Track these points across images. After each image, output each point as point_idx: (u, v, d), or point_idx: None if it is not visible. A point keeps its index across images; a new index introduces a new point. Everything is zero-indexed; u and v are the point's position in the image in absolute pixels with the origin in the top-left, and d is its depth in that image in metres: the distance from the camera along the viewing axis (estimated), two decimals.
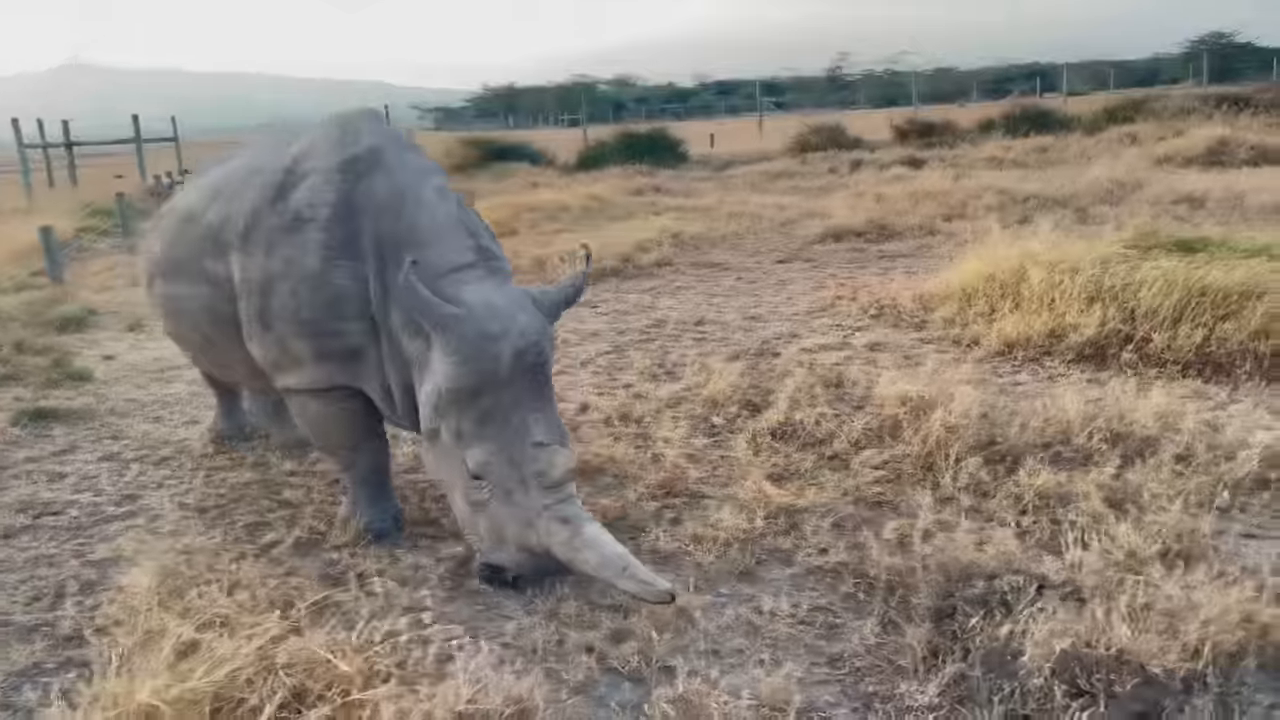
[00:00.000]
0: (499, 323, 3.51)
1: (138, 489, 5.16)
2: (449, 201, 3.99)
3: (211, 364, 4.83)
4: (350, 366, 3.99)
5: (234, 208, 4.22)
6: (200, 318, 4.42)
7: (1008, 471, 4.42)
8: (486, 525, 3.63)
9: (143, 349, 8.50)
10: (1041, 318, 6.61)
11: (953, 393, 5.12)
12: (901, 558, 3.65)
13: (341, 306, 3.87)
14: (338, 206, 3.91)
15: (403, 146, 4.14)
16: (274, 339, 4.03)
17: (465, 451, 3.55)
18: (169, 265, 4.55)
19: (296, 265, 3.92)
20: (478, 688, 2.82)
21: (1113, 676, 2.77)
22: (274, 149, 4.40)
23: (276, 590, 3.72)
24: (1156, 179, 14.26)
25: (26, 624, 3.76)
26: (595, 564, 3.33)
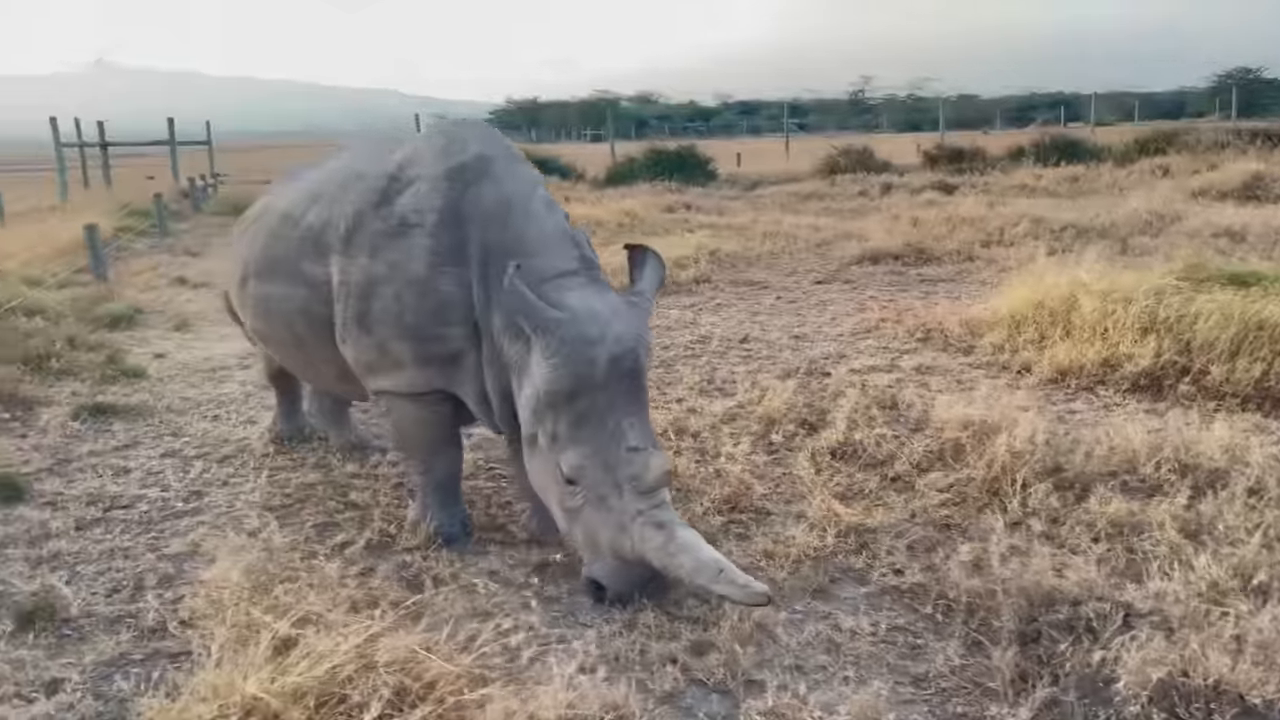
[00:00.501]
0: (598, 327, 3.56)
1: (203, 486, 5.21)
2: (555, 212, 4.05)
3: (298, 364, 4.86)
4: (449, 371, 4.04)
5: (335, 211, 4.28)
6: (294, 318, 4.47)
7: (1077, 499, 4.43)
8: (581, 531, 3.65)
9: (191, 348, 8.60)
10: (1094, 347, 6.61)
11: (1015, 418, 5.13)
12: (980, 580, 3.66)
13: (445, 312, 3.93)
14: (444, 213, 3.97)
15: (510, 156, 4.20)
16: (374, 342, 4.08)
17: (560, 455, 3.59)
18: (264, 266, 4.60)
19: (401, 270, 3.97)
20: (575, 693, 2.85)
21: (1211, 706, 2.78)
22: (374, 154, 4.46)
23: (357, 591, 3.76)
24: (1193, 212, 14.25)
25: (109, 615, 3.81)
26: (690, 568, 3.34)
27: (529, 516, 4.51)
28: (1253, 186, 16.70)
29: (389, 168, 4.23)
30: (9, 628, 3.68)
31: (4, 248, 11.91)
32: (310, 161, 5.26)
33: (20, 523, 4.71)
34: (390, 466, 5.41)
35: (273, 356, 5.21)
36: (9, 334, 8.21)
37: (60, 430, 6.14)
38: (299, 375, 5.15)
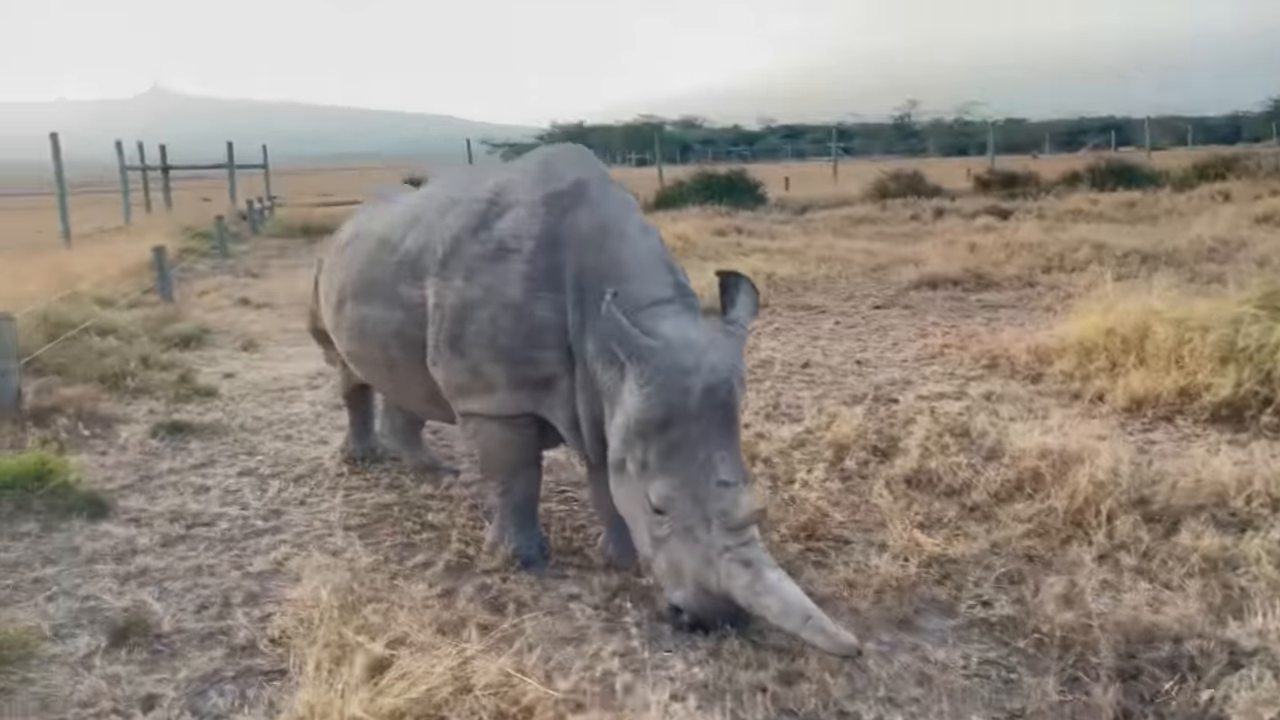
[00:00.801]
0: (693, 357, 3.53)
1: (280, 505, 5.29)
2: (651, 237, 4.06)
3: (389, 386, 4.90)
4: (540, 395, 4.05)
5: (433, 235, 4.33)
6: (389, 340, 4.51)
7: (1166, 532, 4.34)
8: (666, 561, 3.62)
9: (259, 368, 8.74)
10: (1171, 376, 6.49)
11: (1095, 448, 5.05)
12: (1073, 615, 3.59)
13: (540, 336, 3.95)
14: (541, 238, 4.00)
15: (606, 181, 4.22)
16: (467, 364, 4.10)
17: (649, 484, 3.56)
18: (362, 288, 4.65)
19: (497, 293, 4.00)
20: None
21: None
22: (471, 181, 4.52)
23: (443, 612, 3.78)
24: (1259, 239, 13.99)
25: (200, 631, 3.87)
26: (777, 611, 3.29)
27: (604, 541, 4.51)
28: None
29: (486, 193, 4.28)
30: (103, 643, 3.75)
31: (74, 269, 12.19)
32: (398, 185, 5.39)
33: (107, 539, 4.81)
34: (464, 488, 5.46)
35: (360, 378, 5.23)
36: (85, 353, 8.43)
37: (139, 447, 6.27)
38: (389, 397, 5.17)
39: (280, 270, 16.30)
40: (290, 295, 12.96)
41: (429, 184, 4.99)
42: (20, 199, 39.46)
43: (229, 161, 29.18)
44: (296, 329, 10.59)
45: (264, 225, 24.55)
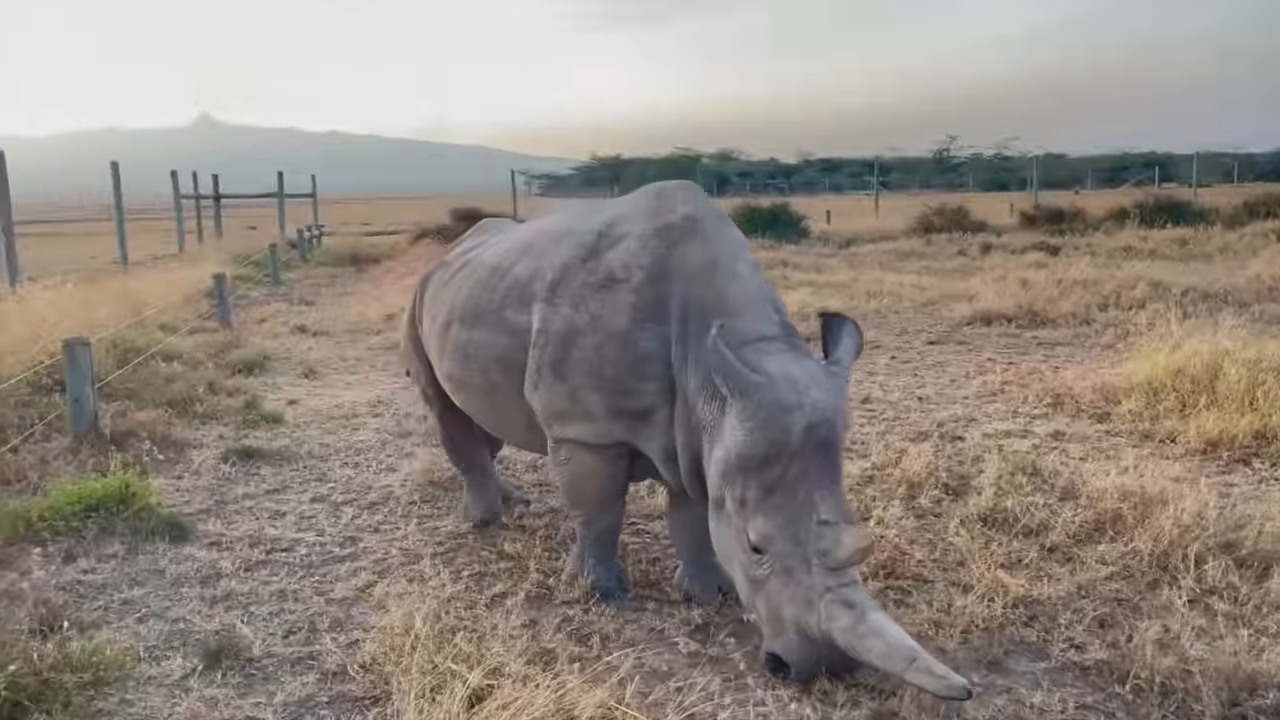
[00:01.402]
0: (796, 394, 3.51)
1: (356, 531, 5.35)
2: (758, 274, 4.08)
3: (486, 412, 4.85)
4: (637, 426, 4.07)
5: (544, 262, 4.38)
6: (491, 365, 4.53)
7: (1257, 578, 4.27)
8: (765, 604, 3.55)
9: (320, 395, 8.86)
10: (1246, 417, 6.41)
11: (1177, 490, 4.99)
12: (1172, 660, 3.54)
13: (643, 367, 3.97)
14: (650, 270, 4.04)
15: (718, 217, 4.25)
16: (567, 390, 4.12)
17: (748, 522, 3.53)
18: (469, 312, 4.67)
19: (604, 322, 4.04)
20: None
21: None
22: (584, 213, 4.60)
23: (530, 643, 3.79)
24: None
25: (290, 656, 3.91)
26: (881, 653, 3.22)
27: (681, 575, 4.51)
28: None
29: (598, 225, 4.33)
30: (197, 665, 3.81)
31: (139, 295, 12.47)
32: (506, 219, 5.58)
33: (191, 562, 4.89)
34: (536, 518, 5.49)
35: (460, 406, 5.10)
36: (153, 378, 8.60)
37: (213, 472, 6.37)
38: (485, 425, 5.08)
39: (331, 298, 16.53)
40: (345, 323, 13.18)
41: (545, 217, 5.05)
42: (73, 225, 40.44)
43: (279, 190, 29.70)
44: (354, 357, 10.78)
45: (313, 253, 24.93)
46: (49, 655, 3.58)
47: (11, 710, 3.35)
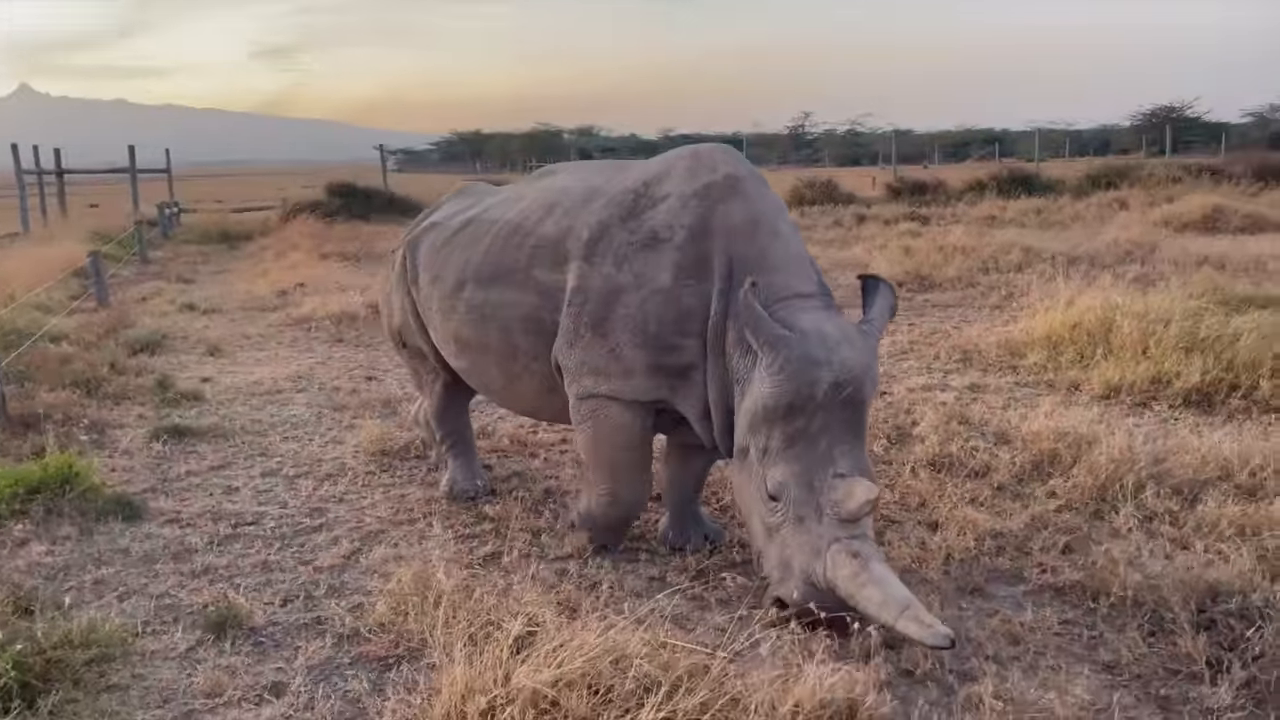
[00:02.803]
0: (825, 350, 3.61)
1: (320, 503, 5.26)
2: (798, 235, 4.17)
3: (496, 374, 4.70)
4: (676, 383, 4.07)
5: (577, 222, 4.33)
6: (514, 325, 4.46)
7: (1189, 503, 4.71)
8: (777, 551, 3.68)
9: (233, 372, 8.55)
10: (1141, 365, 6.97)
11: (1108, 430, 5.43)
12: (1140, 576, 3.90)
13: (685, 323, 3.99)
14: (694, 228, 4.06)
15: (758, 178, 4.28)
16: (608, 346, 4.09)
17: (767, 471, 3.65)
18: (489, 272, 4.58)
19: (648, 280, 4.04)
20: (825, 681, 3.00)
21: None
22: (611, 173, 4.57)
23: (547, 595, 3.85)
24: (1167, 241, 14.96)
25: (295, 623, 3.87)
26: (878, 602, 3.32)
27: (667, 527, 4.64)
28: (1213, 219, 17.55)
29: (631, 184, 4.32)
30: (201, 637, 3.72)
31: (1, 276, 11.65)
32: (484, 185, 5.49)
33: (156, 540, 4.73)
34: (503, 482, 5.52)
35: (461, 373, 5.00)
36: (44, 360, 8.10)
37: (145, 452, 6.12)
38: (489, 391, 4.95)
39: (210, 276, 15.81)
40: (235, 300, 12.67)
41: (551, 177, 4.95)
42: None
43: (131, 166, 28.00)
44: (256, 334, 10.42)
45: (174, 232, 23.67)
46: (53, 634, 3.43)
47: (21, 691, 3.20)
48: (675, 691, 2.91)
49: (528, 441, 6.27)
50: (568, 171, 4.95)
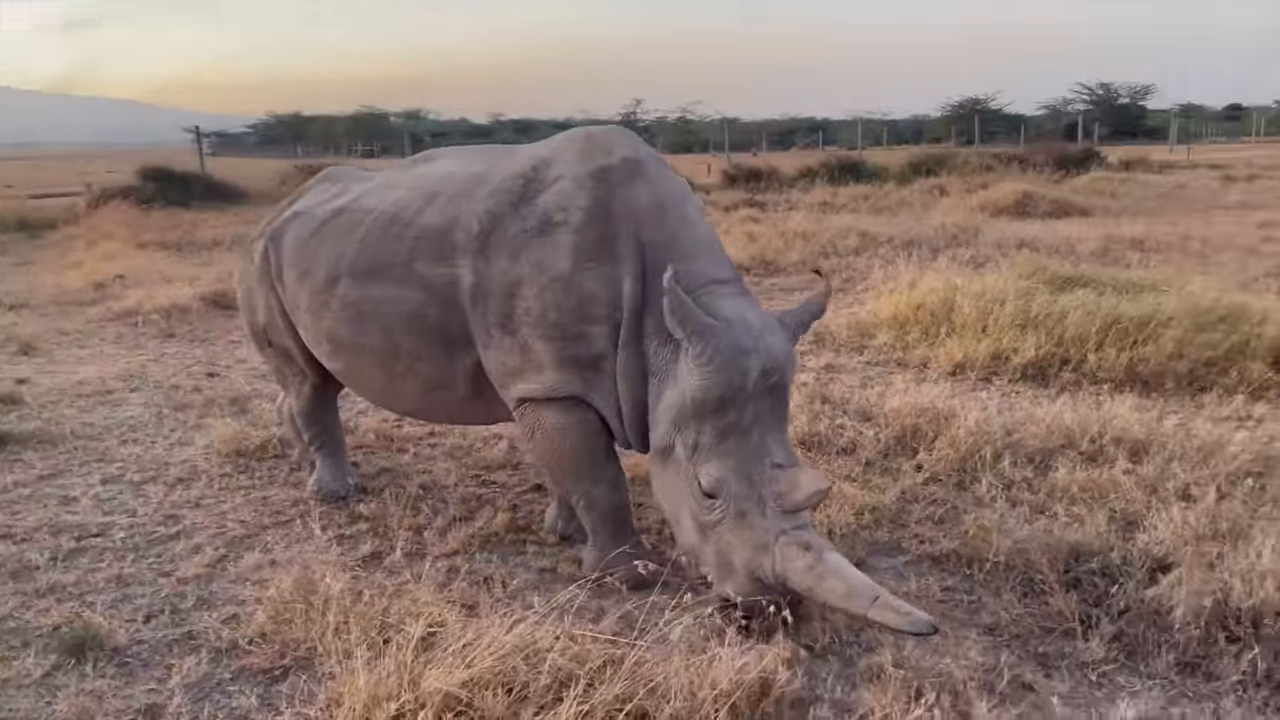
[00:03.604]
0: (751, 338, 3.53)
1: (173, 509, 4.91)
2: (705, 219, 4.05)
3: (376, 374, 4.41)
4: (587, 375, 3.88)
5: (462, 211, 4.10)
6: (396, 323, 4.19)
7: (1042, 471, 5.01)
8: (714, 550, 3.53)
9: (53, 373, 7.87)
10: (983, 343, 7.38)
11: (963, 404, 5.70)
12: (1010, 542, 4.11)
13: (587, 309, 3.80)
14: (591, 210, 3.88)
15: (659, 161, 4.13)
16: (517, 343, 3.91)
17: (700, 467, 3.51)
18: (366, 267, 4.29)
19: (545, 267, 3.85)
20: (743, 660, 3.02)
21: (1262, 621, 3.33)
22: (495, 158, 4.34)
23: (440, 594, 3.71)
24: (988, 225, 15.90)
25: (164, 639, 3.60)
26: (842, 593, 3.19)
27: (554, 516, 4.57)
28: (1023, 204, 18.78)
29: (519, 170, 4.12)
30: (57, 661, 3.41)
31: None
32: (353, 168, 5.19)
33: None
34: (373, 480, 5.31)
35: (335, 373, 4.72)
36: None
37: None
38: (369, 394, 4.68)
39: (10, 268, 14.50)
40: (44, 294, 11.68)
41: (430, 163, 4.69)
42: None
43: None
44: (75, 330, 9.67)
45: None
46: None
47: None
48: (593, 684, 2.87)
49: (394, 436, 6.05)
50: (448, 156, 4.73)
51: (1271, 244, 13.42)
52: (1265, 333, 6.97)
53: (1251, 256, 12.25)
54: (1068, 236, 14.41)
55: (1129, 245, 13.37)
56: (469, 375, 4.16)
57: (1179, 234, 14.29)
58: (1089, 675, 3.32)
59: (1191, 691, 3.21)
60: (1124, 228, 15.28)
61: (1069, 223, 17.02)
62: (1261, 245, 13.27)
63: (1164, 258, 12.07)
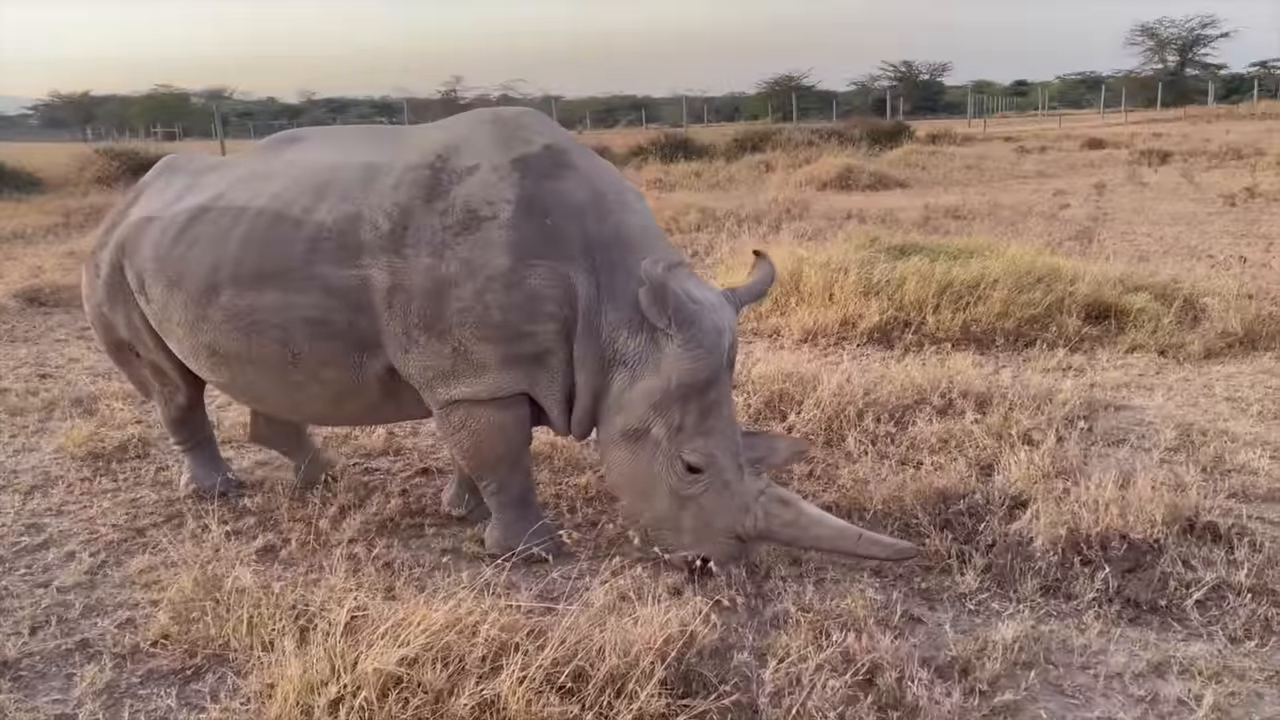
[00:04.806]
0: (719, 317, 3.68)
1: (33, 518, 4.65)
2: (645, 206, 4.03)
3: (275, 389, 4.15)
4: (535, 372, 3.81)
5: (366, 206, 3.86)
6: (296, 331, 3.91)
7: (900, 425, 5.40)
8: (694, 516, 3.71)
9: None
10: (831, 310, 7.80)
11: (819, 369, 6.05)
12: (885, 490, 4.44)
13: (534, 306, 3.69)
14: (520, 203, 3.74)
15: (582, 148, 4.03)
16: (449, 347, 3.75)
17: (685, 446, 3.63)
18: (252, 273, 3.95)
19: (480, 265, 3.69)
20: (666, 616, 3.18)
21: (1109, 545, 3.76)
22: (374, 146, 4.11)
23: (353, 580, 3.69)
24: (816, 199, 16.64)
25: (56, 650, 3.46)
26: (831, 536, 3.59)
27: (455, 495, 4.56)
28: (845, 178, 19.72)
29: (422, 158, 3.91)
30: None
31: None
32: (191, 154, 4.83)
33: None
34: (250, 473, 5.17)
35: (219, 387, 4.46)
36: None
37: None
38: (265, 406, 4.44)
39: None
40: None
41: (296, 149, 4.35)
42: None
43: None
44: None
45: None
46: None
47: None
48: (528, 651, 2.96)
49: None
50: (315, 140, 4.42)
51: (1067, 210, 14.67)
52: (1078, 291, 7.70)
53: (1054, 222, 13.36)
54: (890, 208, 15.29)
55: (945, 214, 14.31)
56: (380, 380, 3.98)
57: (988, 203, 15.38)
58: (967, 605, 3.67)
59: (1056, 611, 3.60)
60: (939, 198, 16.34)
61: (889, 194, 18.05)
62: (1060, 212, 14.48)
63: (979, 225, 12.99)
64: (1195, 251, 10.83)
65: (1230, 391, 6.08)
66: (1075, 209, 14.79)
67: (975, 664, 3.23)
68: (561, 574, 3.87)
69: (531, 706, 2.80)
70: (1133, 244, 11.50)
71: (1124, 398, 5.96)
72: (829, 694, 2.97)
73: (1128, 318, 7.49)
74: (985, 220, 13.61)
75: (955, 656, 3.27)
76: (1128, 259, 10.01)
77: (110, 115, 77.34)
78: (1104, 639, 3.41)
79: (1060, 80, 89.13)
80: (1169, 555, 3.76)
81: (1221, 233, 12.16)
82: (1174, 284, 8.05)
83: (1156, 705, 3.08)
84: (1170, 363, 6.79)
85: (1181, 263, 9.92)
